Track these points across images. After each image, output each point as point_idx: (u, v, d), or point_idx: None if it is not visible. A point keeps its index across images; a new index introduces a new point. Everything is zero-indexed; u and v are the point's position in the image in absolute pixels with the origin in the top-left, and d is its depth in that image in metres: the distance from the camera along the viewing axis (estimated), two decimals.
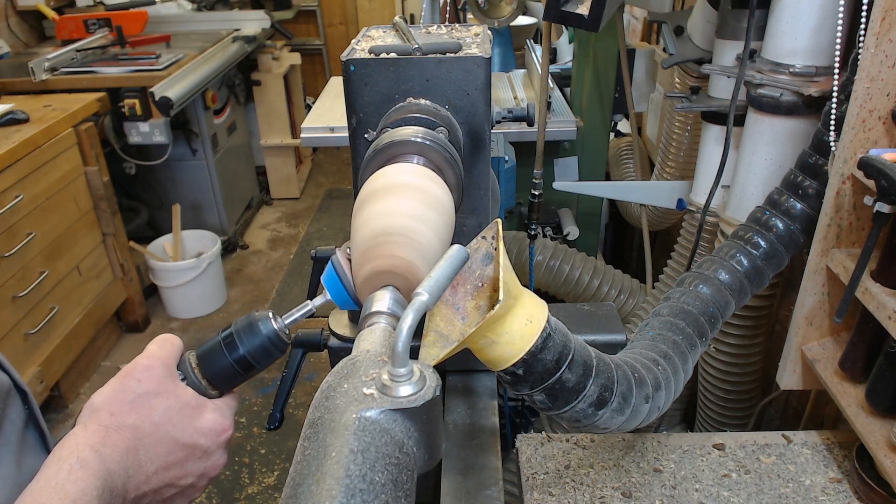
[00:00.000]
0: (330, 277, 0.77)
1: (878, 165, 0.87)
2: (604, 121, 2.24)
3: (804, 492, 1.03)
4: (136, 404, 0.67)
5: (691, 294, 1.03)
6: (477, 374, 1.10)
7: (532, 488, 1.04)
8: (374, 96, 0.85)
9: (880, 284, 0.94)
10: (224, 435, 0.73)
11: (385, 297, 0.66)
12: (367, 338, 0.62)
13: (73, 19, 3.46)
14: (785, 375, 1.20)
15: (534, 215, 1.74)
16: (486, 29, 0.97)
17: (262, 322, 0.74)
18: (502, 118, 1.48)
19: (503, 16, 2.37)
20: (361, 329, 0.64)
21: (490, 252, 0.66)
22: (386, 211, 0.70)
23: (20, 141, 2.38)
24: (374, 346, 0.60)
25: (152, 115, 3.11)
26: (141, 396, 0.68)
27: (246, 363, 0.73)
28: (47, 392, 2.59)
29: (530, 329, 0.65)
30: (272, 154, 4.47)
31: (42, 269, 2.53)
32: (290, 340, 0.76)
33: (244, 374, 0.74)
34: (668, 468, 1.08)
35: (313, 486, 0.47)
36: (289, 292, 3.62)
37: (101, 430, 0.64)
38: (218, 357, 0.73)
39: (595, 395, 0.73)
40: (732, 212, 1.34)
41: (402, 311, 0.60)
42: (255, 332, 0.73)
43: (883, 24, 0.89)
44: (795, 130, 1.21)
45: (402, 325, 0.52)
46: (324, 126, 2.24)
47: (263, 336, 0.73)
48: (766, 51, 1.21)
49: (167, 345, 0.73)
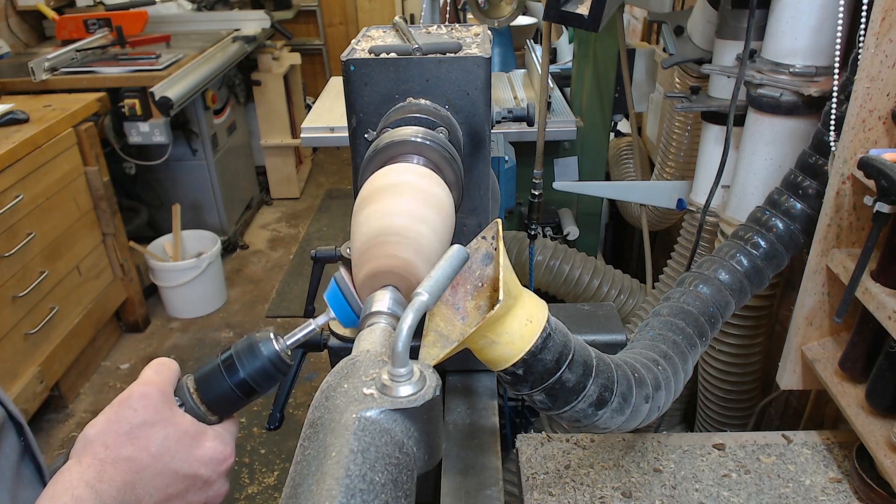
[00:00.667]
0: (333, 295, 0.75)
1: (878, 165, 0.87)
2: (604, 121, 2.24)
3: (804, 492, 1.03)
4: (132, 435, 0.64)
5: (691, 294, 1.03)
6: (477, 374, 1.10)
7: (532, 488, 1.04)
8: (374, 96, 0.85)
9: (880, 284, 0.94)
10: (225, 463, 0.70)
11: (385, 297, 0.66)
12: (367, 338, 0.62)
13: (73, 19, 3.46)
14: (785, 375, 1.20)
15: (534, 215, 1.74)
16: (486, 29, 0.97)
17: (262, 343, 0.70)
18: (502, 118, 1.48)
19: (503, 16, 2.37)
20: (361, 329, 0.64)
21: (490, 252, 0.66)
22: (386, 211, 0.69)
23: (20, 141, 2.38)
24: (374, 346, 0.60)
25: (152, 115, 3.11)
26: (137, 427, 0.65)
27: (247, 387, 0.70)
28: (47, 392, 2.59)
29: (530, 329, 0.65)
30: (272, 154, 4.47)
31: (42, 269, 2.53)
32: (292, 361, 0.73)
33: (245, 399, 0.71)
34: (668, 468, 1.08)
35: (313, 486, 0.47)
36: (289, 292, 3.62)
37: (96, 464, 0.61)
38: (217, 381, 0.70)
39: (595, 395, 0.73)
40: (732, 212, 1.34)
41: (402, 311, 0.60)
42: (256, 353, 0.70)
43: (883, 24, 0.89)
44: (795, 130, 1.21)
45: (402, 325, 0.52)
46: (324, 126, 2.24)
47: (265, 358, 0.70)
48: (766, 51, 1.21)
49: (163, 370, 0.70)
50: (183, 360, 3.12)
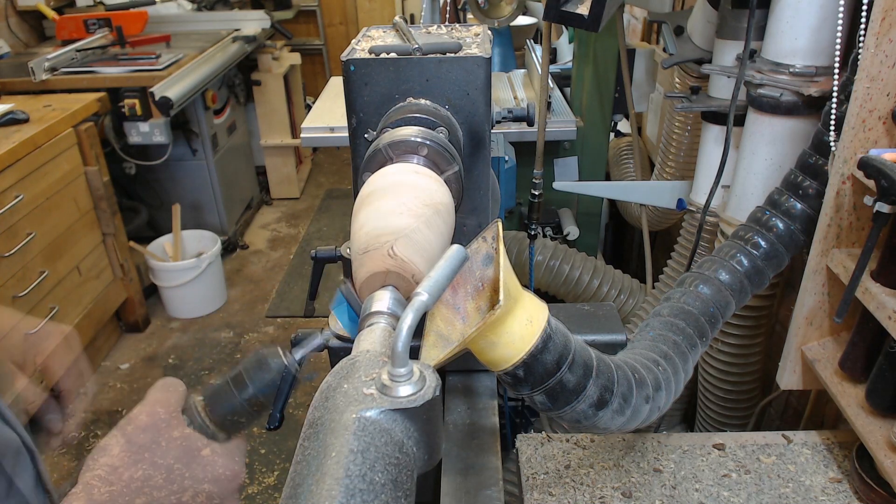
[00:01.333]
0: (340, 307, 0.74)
1: (878, 165, 0.87)
2: (604, 121, 2.24)
3: (804, 492, 1.03)
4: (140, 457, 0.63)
5: (691, 294, 1.03)
6: (477, 374, 1.10)
7: (532, 488, 1.04)
8: (374, 96, 0.85)
9: (880, 284, 0.94)
10: (236, 481, 0.69)
11: (385, 297, 0.66)
12: (367, 338, 0.61)
13: (73, 19, 3.46)
14: (785, 375, 1.20)
15: (534, 215, 1.74)
16: (486, 29, 0.97)
17: (271, 358, 0.70)
18: (502, 118, 1.48)
19: (503, 16, 2.37)
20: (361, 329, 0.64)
21: (490, 253, 0.65)
22: (386, 211, 0.69)
23: (20, 141, 2.38)
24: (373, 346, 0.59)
25: (152, 115, 3.11)
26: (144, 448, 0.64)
27: (256, 402, 0.70)
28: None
29: (530, 330, 0.65)
30: (272, 154, 4.47)
31: (42, 269, 2.53)
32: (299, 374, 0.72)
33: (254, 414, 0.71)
34: (668, 468, 1.08)
35: (313, 487, 0.47)
36: (289, 292, 3.62)
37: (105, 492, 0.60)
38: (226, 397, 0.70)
39: (595, 395, 0.73)
40: (732, 212, 1.34)
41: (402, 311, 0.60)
42: (265, 368, 0.70)
43: (883, 24, 0.89)
44: (795, 130, 1.21)
45: (402, 325, 0.52)
46: (324, 126, 2.24)
47: (274, 372, 0.70)
48: (766, 51, 1.21)
49: (170, 389, 0.69)
50: (183, 360, 3.12)
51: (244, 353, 3.15)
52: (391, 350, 0.52)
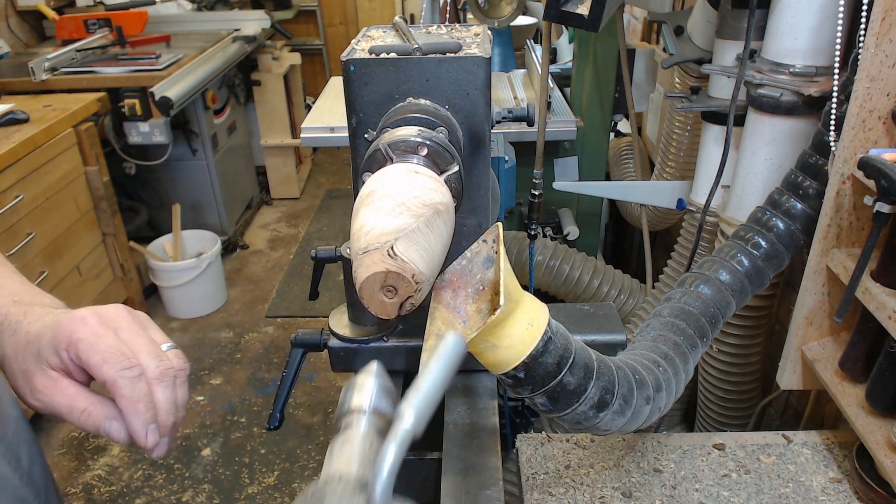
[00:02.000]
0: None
1: (878, 165, 0.87)
2: (604, 121, 2.24)
3: (804, 492, 1.03)
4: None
5: (692, 294, 1.03)
6: (477, 374, 1.10)
7: (532, 488, 1.04)
8: (374, 96, 0.85)
9: (880, 284, 0.94)
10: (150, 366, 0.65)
11: (367, 385, 0.53)
12: (341, 452, 0.50)
13: (73, 19, 3.46)
14: (785, 375, 1.20)
15: (534, 215, 1.74)
16: (486, 29, 0.97)
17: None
18: (502, 118, 1.48)
19: (503, 16, 2.36)
20: (337, 429, 0.53)
21: (491, 255, 0.65)
22: (386, 210, 0.69)
23: (20, 141, 2.38)
24: (348, 468, 0.48)
25: (152, 115, 3.11)
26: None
27: None
28: None
29: (531, 333, 0.65)
30: (272, 154, 4.47)
31: (42, 269, 2.53)
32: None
33: None
34: (668, 468, 1.08)
35: None
36: (289, 292, 3.62)
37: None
38: None
39: (596, 397, 0.73)
40: (732, 212, 1.34)
41: (388, 403, 0.51)
42: None
43: (883, 24, 0.89)
44: (795, 130, 1.21)
45: (382, 466, 0.42)
46: (324, 126, 2.24)
47: None
48: (766, 51, 1.21)
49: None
50: None
51: (244, 353, 3.15)
52: (369, 494, 0.42)
